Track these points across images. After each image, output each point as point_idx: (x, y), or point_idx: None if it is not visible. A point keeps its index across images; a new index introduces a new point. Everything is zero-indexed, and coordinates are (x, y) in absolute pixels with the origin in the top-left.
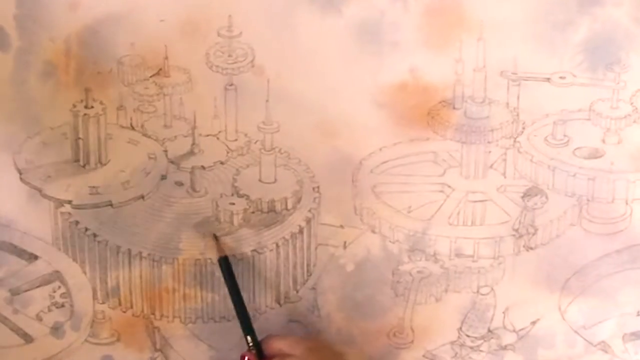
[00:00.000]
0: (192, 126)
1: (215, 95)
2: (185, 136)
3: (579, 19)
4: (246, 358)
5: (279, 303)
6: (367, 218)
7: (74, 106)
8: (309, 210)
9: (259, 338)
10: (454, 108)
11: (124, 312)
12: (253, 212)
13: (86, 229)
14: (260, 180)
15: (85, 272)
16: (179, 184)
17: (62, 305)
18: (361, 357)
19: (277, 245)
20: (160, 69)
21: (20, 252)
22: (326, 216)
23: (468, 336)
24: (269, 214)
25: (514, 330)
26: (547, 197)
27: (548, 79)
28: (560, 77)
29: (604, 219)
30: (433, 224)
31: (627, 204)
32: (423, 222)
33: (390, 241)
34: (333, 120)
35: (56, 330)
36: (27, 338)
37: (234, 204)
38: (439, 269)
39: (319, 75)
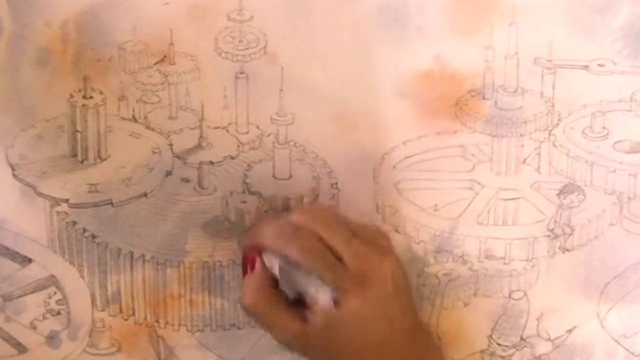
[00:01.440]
0: (200, 118)
1: (224, 84)
2: (192, 129)
3: (620, 2)
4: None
5: None
6: (390, 217)
7: (71, 96)
8: None
9: None
10: (483, 98)
11: (126, 320)
12: (266, 211)
13: (84, 230)
14: (273, 177)
15: (83, 277)
16: (186, 180)
17: (58, 313)
18: None
19: None
20: (165, 56)
21: (12, 255)
22: (345, 215)
23: (499, 345)
24: (284, 213)
25: (549, 339)
26: (584, 195)
27: (586, 67)
28: (599, 65)
29: None
30: (461, 223)
31: None
32: (450, 221)
33: (415, 241)
34: (352, 111)
35: (52, 339)
36: (20, 348)
37: (245, 202)
38: (467, 271)
39: (337, 63)
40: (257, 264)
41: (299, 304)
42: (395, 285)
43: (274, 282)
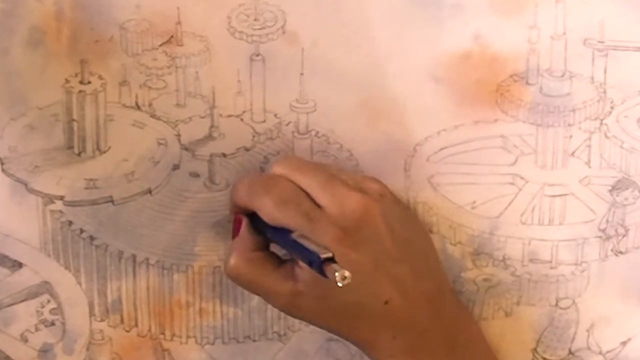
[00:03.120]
0: (211, 105)
1: (238, 68)
2: (202, 117)
3: None
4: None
5: None
6: (423, 215)
7: (67, 81)
8: None
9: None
10: (527, 83)
11: (127, 331)
12: None
13: (81, 231)
14: None
15: (80, 283)
16: (195, 175)
17: (52, 324)
18: None
19: None
20: (172, 36)
21: (1, 259)
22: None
23: (545, 359)
24: None
25: (600, 352)
26: None
27: None
28: None
29: None
30: (502, 222)
31: None
32: (490, 220)
33: (451, 243)
34: (381, 97)
35: (45, 353)
36: None
37: None
38: (509, 277)
39: (365, 44)
40: (243, 227)
41: (294, 263)
42: (391, 231)
43: (265, 245)
